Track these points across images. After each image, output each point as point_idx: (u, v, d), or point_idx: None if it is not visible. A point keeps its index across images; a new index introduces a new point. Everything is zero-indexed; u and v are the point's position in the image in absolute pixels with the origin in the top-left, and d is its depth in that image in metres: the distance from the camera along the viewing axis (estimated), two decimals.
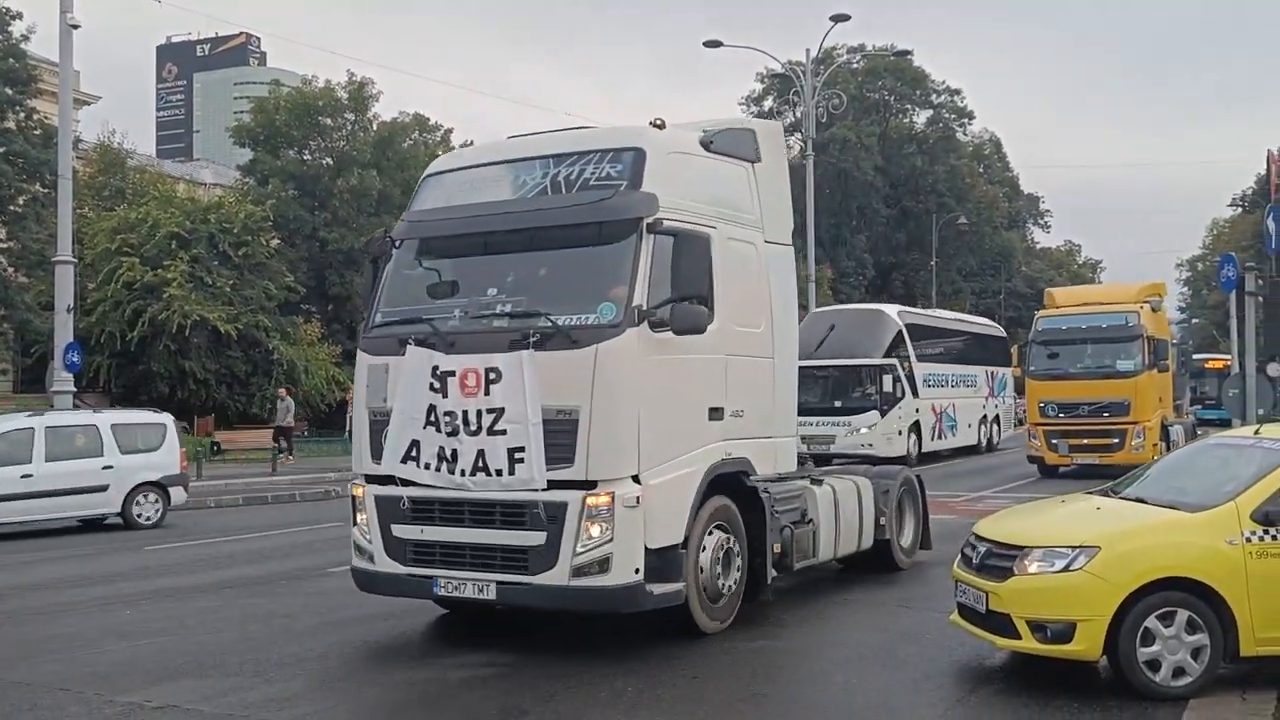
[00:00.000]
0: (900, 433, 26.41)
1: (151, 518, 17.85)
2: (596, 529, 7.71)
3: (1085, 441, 23.25)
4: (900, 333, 27.28)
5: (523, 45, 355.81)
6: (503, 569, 8.01)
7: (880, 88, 65.81)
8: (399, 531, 8.42)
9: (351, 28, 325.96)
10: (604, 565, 7.72)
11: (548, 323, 7.94)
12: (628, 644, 8.54)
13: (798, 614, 9.71)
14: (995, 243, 70.93)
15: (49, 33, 27.19)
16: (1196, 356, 52.55)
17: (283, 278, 38.05)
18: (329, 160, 45.59)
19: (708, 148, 9.11)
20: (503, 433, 7.88)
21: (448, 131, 57.51)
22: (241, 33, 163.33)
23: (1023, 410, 46.47)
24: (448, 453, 8.06)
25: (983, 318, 40.87)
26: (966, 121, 70.41)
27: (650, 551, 7.87)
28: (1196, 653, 6.79)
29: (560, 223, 8.36)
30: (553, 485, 7.82)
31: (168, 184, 42.06)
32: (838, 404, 25.76)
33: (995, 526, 7.94)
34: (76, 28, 22.81)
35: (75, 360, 23.06)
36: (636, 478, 7.87)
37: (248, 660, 8.31)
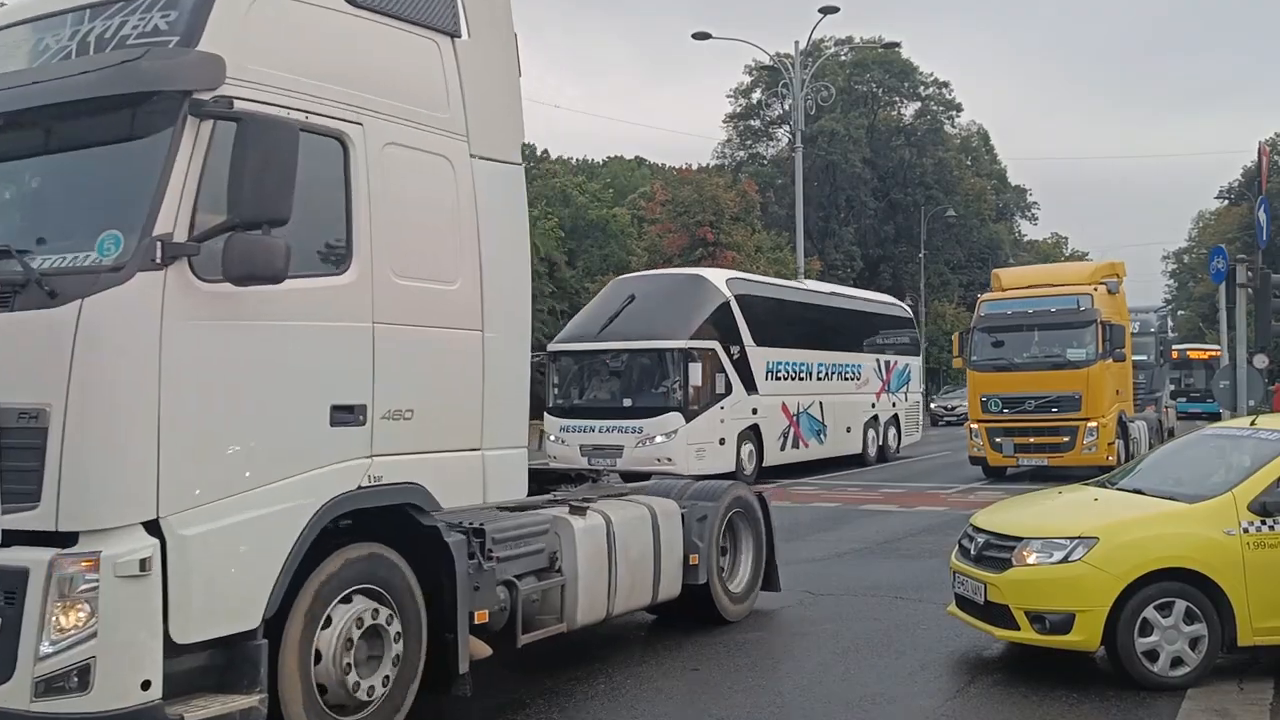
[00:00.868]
0: (723, 441, 20.22)
1: None
2: (70, 616, 4.61)
3: (1032, 440, 20.82)
4: (726, 306, 21.02)
5: None
6: None
7: (868, 80, 65.78)
8: None
9: None
10: (83, 677, 4.59)
11: (16, 266, 4.89)
12: (624, 636, 8.55)
13: (795, 605, 9.71)
14: (983, 235, 71.02)
15: None
16: (1181, 347, 51.96)
17: None
18: None
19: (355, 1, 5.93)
20: None
21: None
22: None
23: (945, 408, 44.63)
24: None
25: (883, 294, 33.73)
26: (954, 114, 70.44)
27: (182, 650, 4.85)
28: (1194, 643, 6.83)
29: (58, 99, 5.14)
30: (9, 539, 4.80)
31: None
32: (628, 403, 19.88)
33: (993, 518, 7.98)
34: None
35: None
36: (154, 524, 4.80)
37: None
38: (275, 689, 5.22)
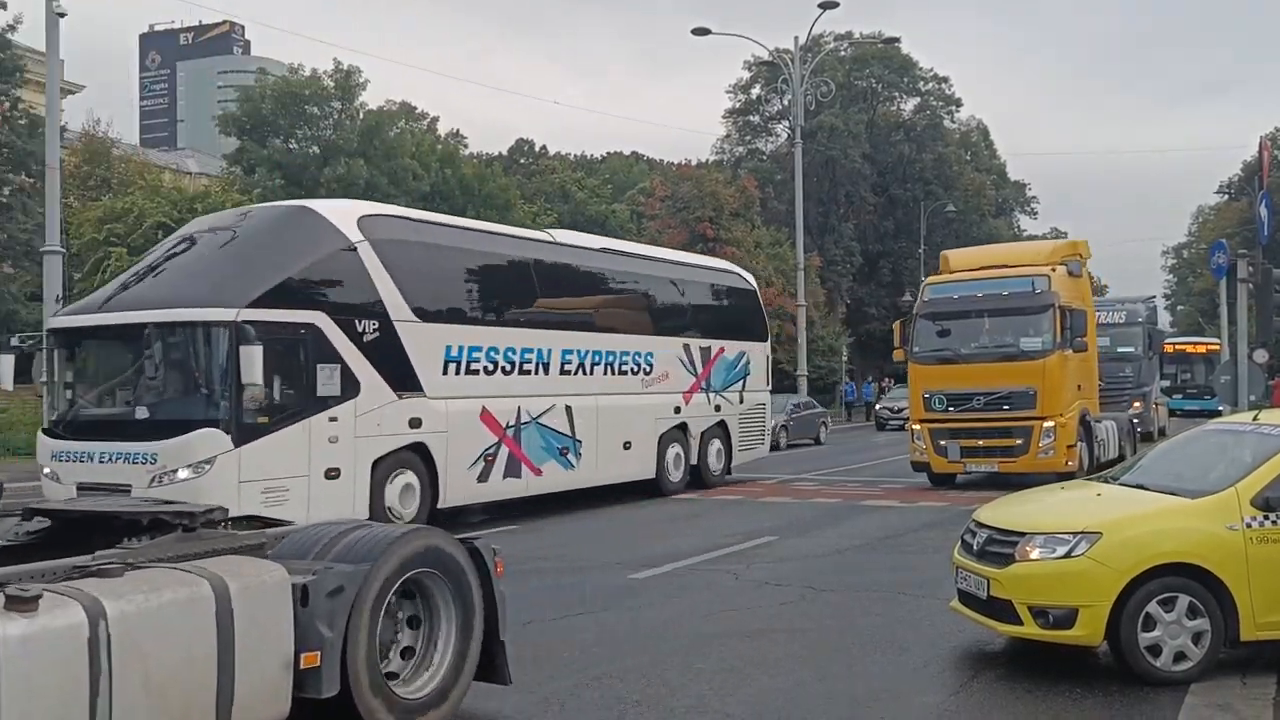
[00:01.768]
0: (334, 474, 12.87)
1: None
2: None
3: (980, 443, 18.30)
4: (350, 256, 13.63)
5: (500, 32, 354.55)
6: None
7: (868, 75, 65.72)
8: None
9: (333, 15, 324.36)
10: None
11: None
12: (617, 630, 8.56)
13: (797, 601, 9.73)
14: (983, 230, 70.96)
15: (32, 21, 27.00)
16: (1177, 340, 50.29)
17: None
18: (315, 149, 45.42)
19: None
20: None
21: (434, 120, 57.38)
22: (225, 21, 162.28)
23: (890, 410, 39.51)
24: None
25: (707, 258, 25.59)
26: (954, 109, 70.47)
27: None
28: (1197, 638, 6.83)
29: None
30: None
31: (153, 173, 41.95)
32: (142, 414, 12.39)
33: (996, 513, 7.98)
34: (63, 15, 22.65)
35: None
36: None
37: None
38: None
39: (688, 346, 19.45)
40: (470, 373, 15.06)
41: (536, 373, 16.20)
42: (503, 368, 15.62)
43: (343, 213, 14.29)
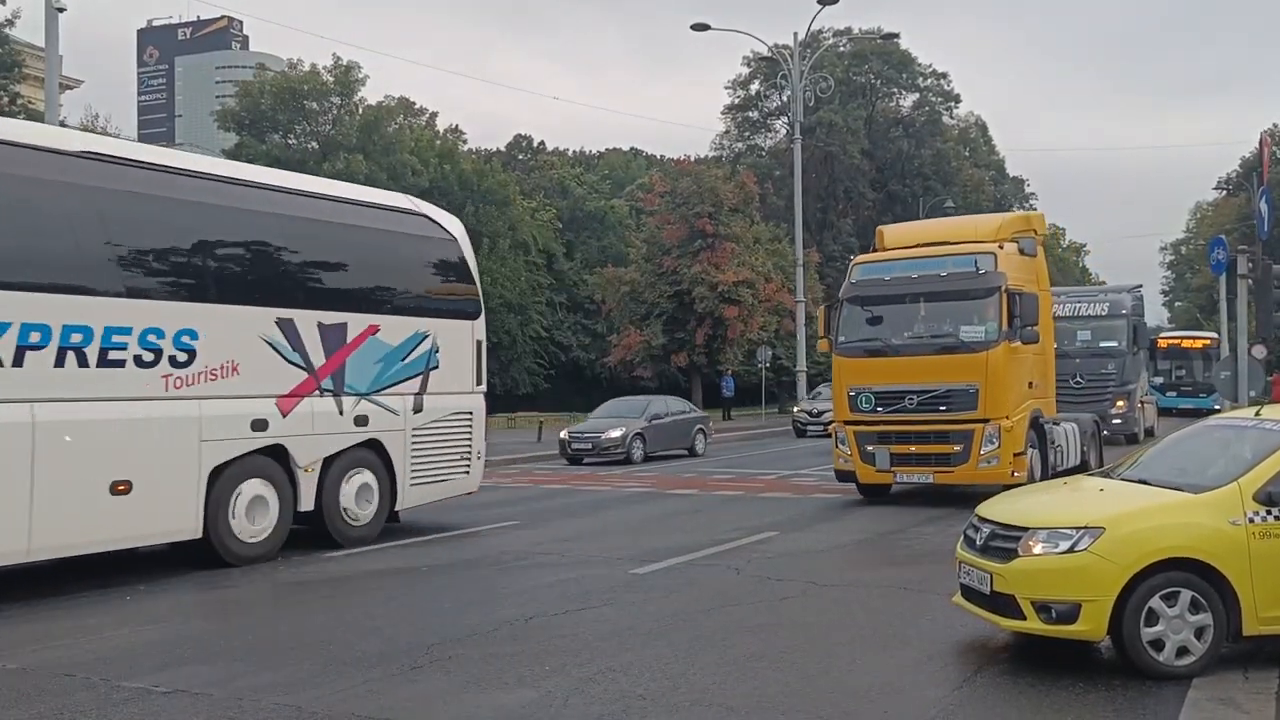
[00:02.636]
0: None
1: None
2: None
3: (913, 449, 15.81)
4: None
5: (498, 27, 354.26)
6: None
7: (867, 71, 65.79)
8: None
9: (331, 10, 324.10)
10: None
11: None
12: (620, 624, 8.58)
13: (799, 596, 9.75)
14: None
15: (30, 16, 26.98)
16: (1172, 335, 48.93)
17: None
18: (314, 144, 45.45)
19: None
20: None
21: (433, 116, 57.34)
22: (223, 16, 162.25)
23: (809, 413, 33.18)
24: None
25: (366, 189, 16.58)
26: (953, 105, 70.56)
27: None
28: (1200, 632, 6.85)
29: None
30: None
31: None
32: None
33: (998, 508, 7.99)
34: (62, 10, 22.62)
35: None
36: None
37: (253, 645, 8.31)
38: None
39: (289, 323, 12.34)
40: None
41: None
42: None
43: None
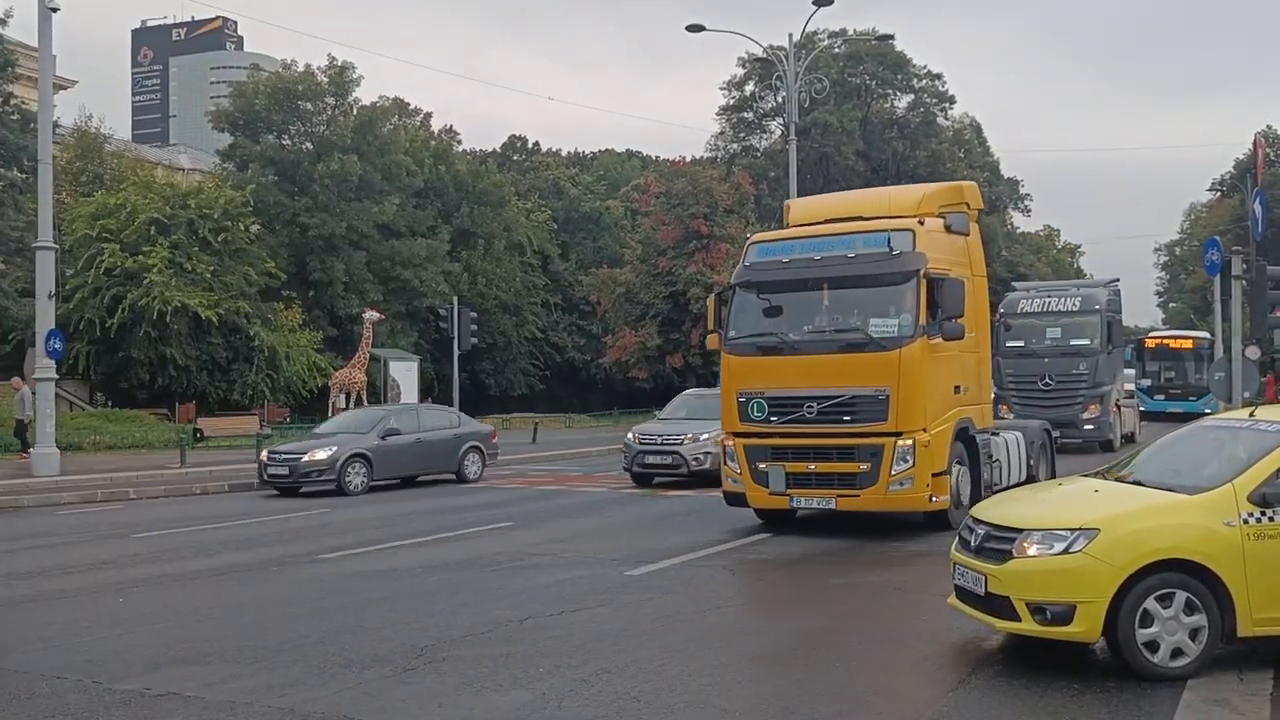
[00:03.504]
0: None
1: None
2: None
3: (812, 468, 13.13)
4: None
5: (494, 28, 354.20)
6: None
7: (862, 72, 65.78)
8: None
9: (326, 11, 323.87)
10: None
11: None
12: (615, 626, 8.56)
13: (794, 597, 9.73)
14: None
15: (24, 15, 26.91)
16: (1160, 334, 47.08)
17: (263, 263, 37.98)
18: (309, 145, 45.37)
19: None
20: None
21: (427, 116, 57.27)
22: (217, 16, 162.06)
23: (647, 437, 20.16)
24: None
25: None
26: (947, 106, 70.55)
27: None
28: (1194, 634, 6.84)
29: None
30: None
31: (146, 169, 41.87)
32: None
33: (994, 509, 7.99)
34: (55, 10, 22.57)
35: (58, 347, 22.94)
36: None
37: (245, 647, 8.27)
38: None
39: None
40: None
41: None
42: None
43: None
